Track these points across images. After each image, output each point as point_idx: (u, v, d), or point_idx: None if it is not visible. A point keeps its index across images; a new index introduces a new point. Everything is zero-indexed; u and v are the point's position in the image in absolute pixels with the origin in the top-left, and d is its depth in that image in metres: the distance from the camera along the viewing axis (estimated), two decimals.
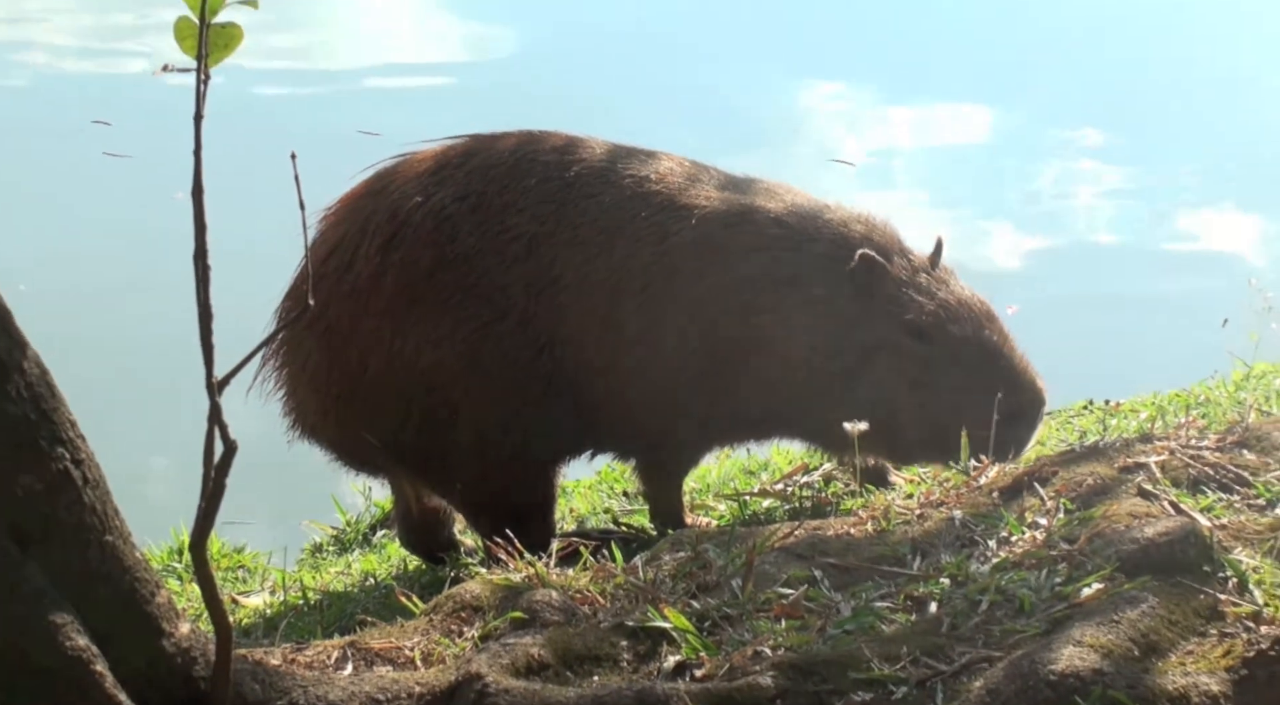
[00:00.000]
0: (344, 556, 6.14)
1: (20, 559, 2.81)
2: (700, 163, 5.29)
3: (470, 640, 3.47)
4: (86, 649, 2.82)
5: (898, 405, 4.85)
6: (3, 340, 2.84)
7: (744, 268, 5.07)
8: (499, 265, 4.98)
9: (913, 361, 5.05)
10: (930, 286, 5.14)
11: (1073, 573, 3.43)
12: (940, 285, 5.16)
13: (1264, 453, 3.92)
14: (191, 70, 2.82)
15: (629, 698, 3.14)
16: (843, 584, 3.60)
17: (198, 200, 2.85)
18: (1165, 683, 3.04)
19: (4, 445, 2.81)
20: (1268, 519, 3.62)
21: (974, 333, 5.11)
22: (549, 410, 5.04)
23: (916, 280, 5.14)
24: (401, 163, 5.19)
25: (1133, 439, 4.20)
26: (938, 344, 5.08)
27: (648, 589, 3.63)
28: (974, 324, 5.13)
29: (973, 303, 5.18)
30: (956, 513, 3.87)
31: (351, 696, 3.12)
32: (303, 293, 4.99)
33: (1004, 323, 5.22)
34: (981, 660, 3.20)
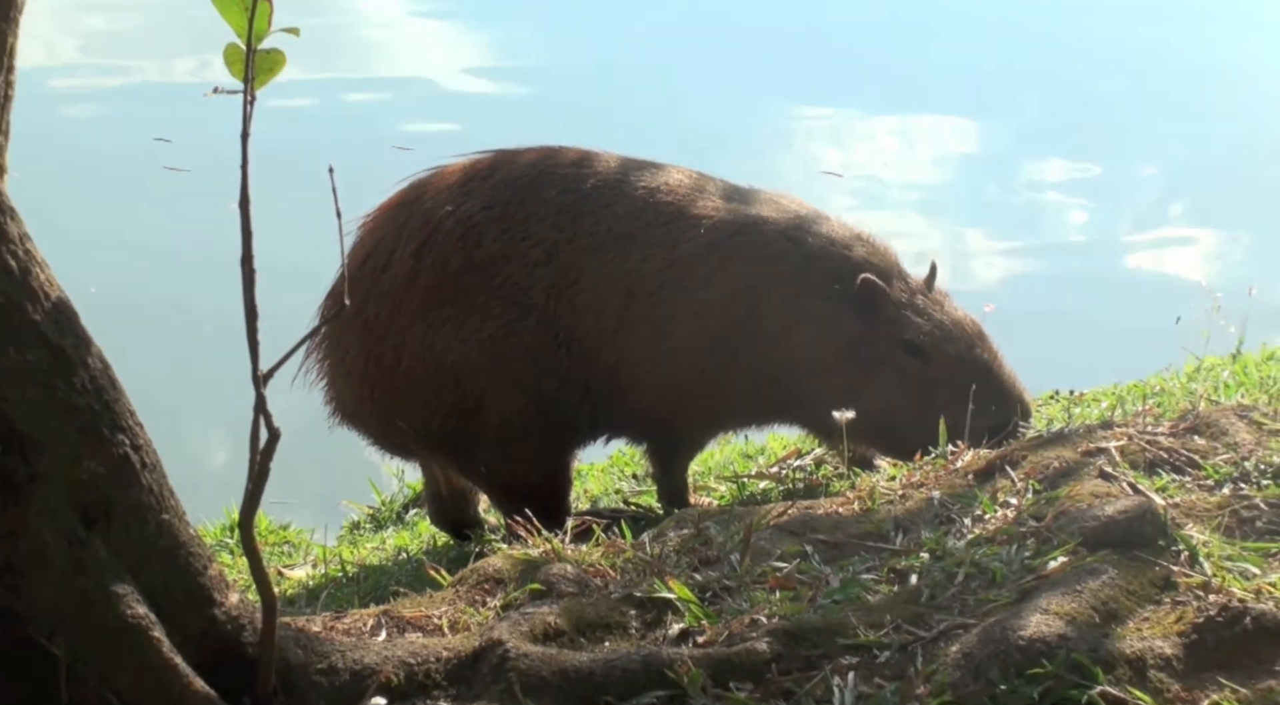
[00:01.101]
0: (379, 533, 6.15)
1: (86, 536, 2.81)
2: (705, 174, 5.29)
3: (493, 610, 3.47)
4: (145, 617, 2.82)
5: (898, 417, 4.89)
6: (70, 338, 2.85)
7: (750, 276, 5.08)
8: (521, 269, 4.99)
9: (912, 378, 5.07)
10: (927, 308, 5.16)
11: (1040, 547, 3.43)
12: (935, 307, 5.19)
13: (1213, 438, 3.92)
14: (239, 92, 2.82)
15: (637, 662, 3.14)
16: (832, 558, 3.60)
17: (245, 210, 2.85)
18: (1123, 646, 3.04)
19: (70, 433, 2.82)
20: (1216, 498, 3.62)
21: (966, 352, 5.14)
22: (566, 401, 5.05)
23: (914, 302, 5.16)
24: (433, 175, 5.20)
25: (1094, 426, 4.20)
26: (934, 362, 5.10)
27: (654, 563, 3.64)
28: (966, 343, 5.16)
29: (965, 323, 5.21)
30: (935, 493, 3.88)
31: (385, 660, 3.12)
32: (341, 293, 5.00)
33: (992, 341, 5.24)
34: (957, 627, 3.20)
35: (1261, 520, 3.52)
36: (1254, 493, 3.63)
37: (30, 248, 2.83)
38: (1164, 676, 3.00)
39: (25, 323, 2.78)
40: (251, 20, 2.79)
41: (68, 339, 2.84)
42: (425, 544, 5.63)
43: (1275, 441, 3.88)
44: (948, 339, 5.14)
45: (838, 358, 5.07)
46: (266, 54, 2.83)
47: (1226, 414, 4.05)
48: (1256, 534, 3.47)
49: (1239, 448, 3.85)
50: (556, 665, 3.12)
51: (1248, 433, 3.93)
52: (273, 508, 6.05)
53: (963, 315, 5.24)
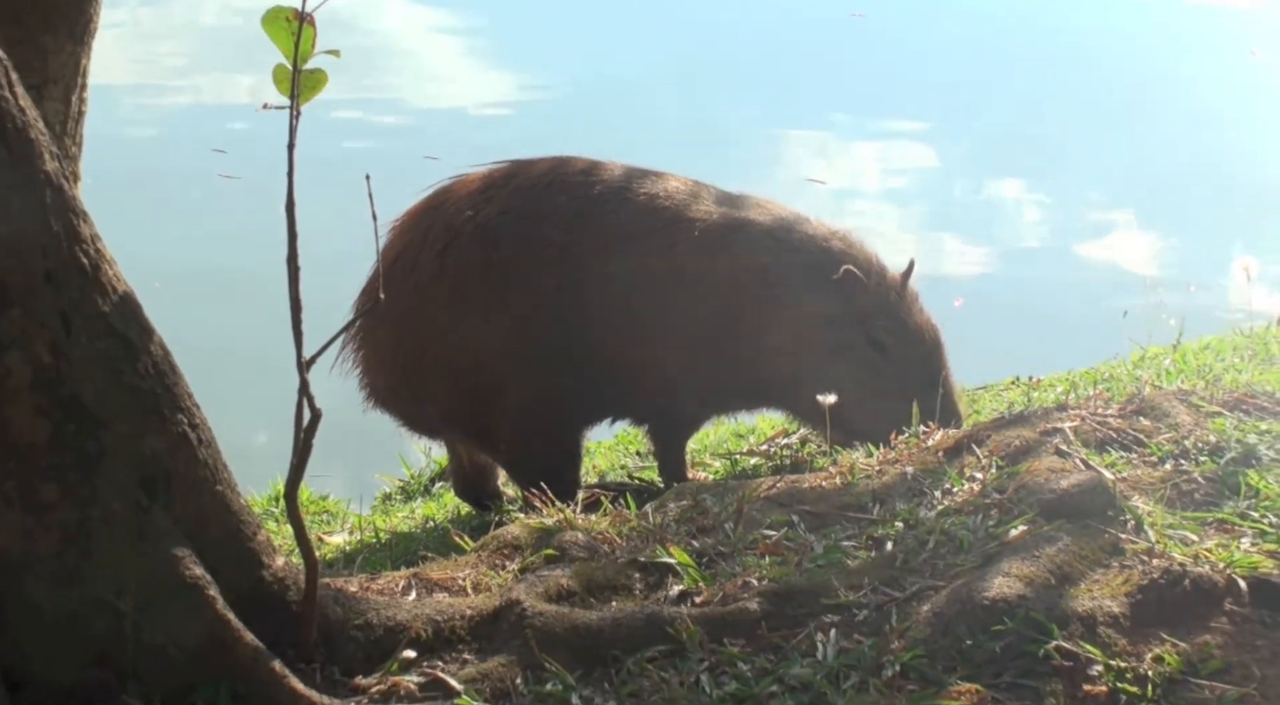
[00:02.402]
0: (409, 504, 6.15)
1: (148, 505, 2.82)
2: (700, 181, 5.29)
3: (511, 573, 3.47)
4: (202, 577, 2.83)
5: (848, 399, 4.76)
6: (134, 328, 2.85)
7: (738, 271, 5.07)
8: (535, 267, 4.98)
9: (868, 367, 5.05)
10: (896, 307, 5.14)
11: (1002, 517, 3.43)
12: (904, 309, 5.15)
13: (1156, 419, 3.92)
14: (286, 107, 2.82)
15: (641, 620, 3.15)
16: (816, 527, 3.60)
17: (290, 214, 2.85)
18: (1076, 605, 3.04)
19: (135, 413, 2.82)
20: (1159, 473, 3.62)
21: (921, 356, 5.13)
22: (576, 386, 5.04)
23: (887, 299, 5.13)
24: (455, 182, 5.20)
25: (1051, 408, 4.19)
26: (891, 357, 5.08)
27: (656, 531, 3.64)
28: (923, 348, 5.15)
29: (925, 329, 5.19)
30: (909, 469, 3.87)
31: (415, 617, 3.12)
32: (375, 289, 5.00)
33: (946, 351, 5.22)
34: (928, 588, 3.20)
35: (1199, 493, 3.52)
36: (1193, 468, 3.63)
37: (100, 247, 2.84)
38: (1112, 632, 3.00)
39: (96, 314, 2.79)
40: (297, 44, 2.80)
41: (133, 329, 2.84)
42: (450, 514, 5.64)
43: (1212, 422, 3.89)
44: (907, 341, 5.12)
45: (812, 345, 5.06)
46: (310, 73, 2.83)
47: (1168, 398, 4.05)
48: (1195, 505, 3.48)
49: (1179, 428, 3.85)
50: (569, 622, 3.13)
51: (1187, 415, 3.93)
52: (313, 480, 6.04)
53: (925, 321, 5.22)
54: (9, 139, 2.69)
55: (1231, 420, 3.90)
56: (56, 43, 3.39)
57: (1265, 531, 3.33)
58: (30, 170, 2.71)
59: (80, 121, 3.52)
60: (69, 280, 2.75)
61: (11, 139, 2.69)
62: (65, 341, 2.74)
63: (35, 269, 2.71)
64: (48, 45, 3.37)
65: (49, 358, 2.72)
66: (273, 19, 2.80)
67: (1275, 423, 3.88)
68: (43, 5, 3.34)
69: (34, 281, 2.71)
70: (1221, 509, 3.44)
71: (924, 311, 5.24)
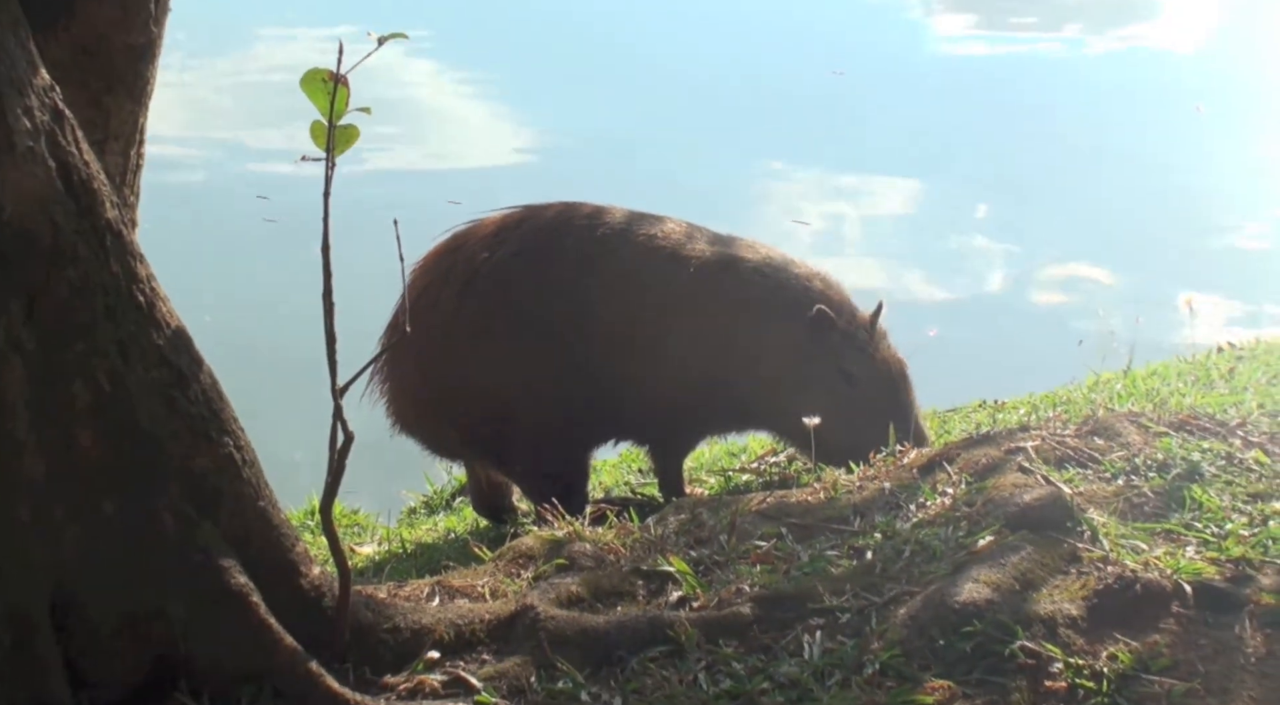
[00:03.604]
0: (432, 517, 6.14)
1: (198, 519, 2.82)
2: (695, 224, 5.29)
3: (526, 580, 3.47)
4: (246, 585, 2.83)
5: (827, 427, 4.71)
6: (185, 358, 2.86)
7: (728, 306, 5.07)
8: (545, 303, 4.98)
9: (840, 398, 5.03)
10: (864, 343, 5.12)
11: (971, 528, 3.43)
12: (873, 345, 5.14)
13: (1109, 439, 3.91)
14: (322, 159, 2.84)
15: (644, 623, 3.15)
16: (802, 538, 3.60)
17: (325, 255, 2.86)
18: (1038, 608, 3.05)
19: (186, 435, 2.83)
20: (1112, 488, 3.62)
21: (888, 388, 5.11)
22: (584, 410, 5.03)
23: (857, 337, 5.12)
24: (473, 226, 5.20)
25: (1014, 429, 4.19)
26: (861, 389, 5.07)
27: (657, 542, 3.63)
28: (889, 381, 5.13)
29: (891, 363, 5.17)
30: (886, 484, 3.87)
31: (438, 621, 3.12)
32: (401, 323, 5.00)
33: (911, 383, 5.20)
34: (905, 594, 3.20)
35: (1148, 506, 3.52)
36: (1142, 484, 3.63)
37: (155, 286, 2.85)
38: (1071, 633, 3.00)
39: (151, 346, 2.80)
40: (332, 102, 2.81)
41: (184, 360, 2.85)
42: (470, 527, 5.63)
43: (1159, 442, 3.89)
44: (875, 375, 5.11)
45: (793, 375, 5.05)
46: (344, 129, 2.84)
47: (1120, 419, 4.05)
48: (1144, 517, 3.48)
49: (1130, 447, 3.85)
50: (578, 625, 3.13)
51: (1137, 435, 3.93)
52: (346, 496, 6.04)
53: (892, 355, 5.20)
54: (75, 190, 2.70)
55: (1177, 440, 3.90)
56: (117, 103, 3.41)
57: (1208, 541, 3.33)
58: (94, 218, 2.73)
59: (138, 173, 3.54)
60: (127, 316, 2.77)
61: (78, 190, 2.71)
62: (123, 371, 2.75)
63: (97, 306, 2.73)
64: (109, 106, 3.39)
65: (109, 386, 2.73)
66: (310, 79, 2.82)
67: (1216, 442, 3.89)
68: (106, 71, 3.36)
69: (95, 318, 2.73)
70: (1168, 520, 3.44)
71: (891, 347, 5.22)
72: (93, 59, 3.32)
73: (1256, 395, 4.78)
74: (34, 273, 2.65)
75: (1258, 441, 3.90)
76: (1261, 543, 3.29)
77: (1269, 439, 3.93)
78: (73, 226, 2.69)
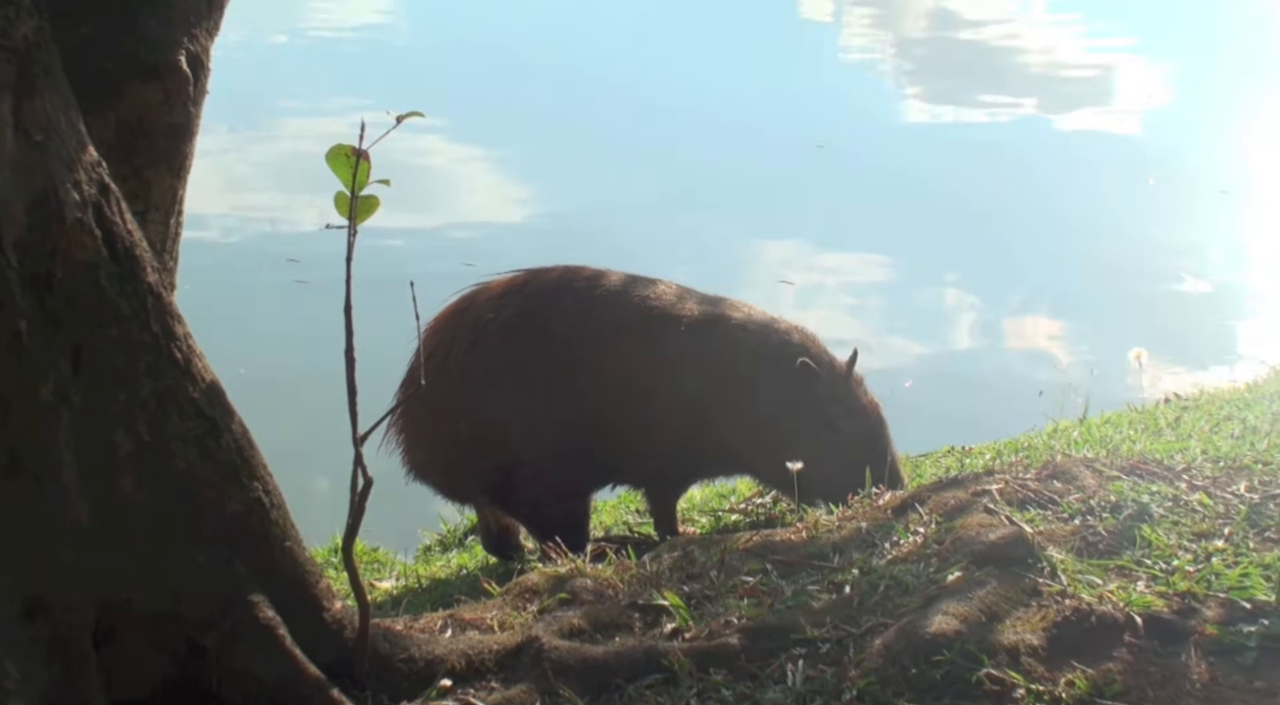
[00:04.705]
0: (446, 555, 6.12)
1: (230, 558, 2.82)
2: (685, 286, 5.31)
3: (531, 613, 3.45)
4: (273, 618, 2.83)
5: (809, 470, 4.70)
6: (218, 410, 2.87)
7: (716, 361, 5.08)
8: (548, 360, 4.98)
9: (823, 445, 5.02)
10: (843, 392, 5.12)
11: (941, 565, 3.42)
12: (850, 393, 5.14)
13: (1067, 482, 3.92)
14: (345, 227, 2.85)
15: (640, 653, 3.14)
16: (786, 574, 3.59)
17: (348, 315, 2.88)
18: (1002, 638, 3.04)
19: (218, 481, 2.83)
20: (1070, 527, 3.62)
21: (867, 432, 5.11)
22: (584, 457, 5.03)
23: (836, 385, 5.12)
24: (479, 289, 5.20)
25: (980, 473, 4.19)
26: (842, 435, 5.07)
27: (652, 578, 3.63)
28: (868, 426, 5.13)
29: (870, 410, 5.17)
30: (863, 524, 3.87)
31: (451, 651, 3.11)
32: (416, 377, 5.00)
33: (887, 426, 5.20)
34: (880, 625, 3.19)
35: (1103, 544, 3.52)
36: (1097, 523, 3.63)
37: (192, 343, 2.86)
38: (1032, 661, 3.00)
39: (187, 399, 2.81)
40: (355, 175, 2.83)
41: (217, 411, 2.86)
42: (480, 563, 5.61)
43: (1112, 485, 3.89)
44: (855, 422, 5.11)
45: (777, 423, 5.05)
46: (365, 199, 2.86)
47: (1077, 464, 4.06)
48: (1099, 554, 3.47)
49: (1086, 489, 3.85)
50: (579, 655, 3.12)
51: (1092, 478, 3.94)
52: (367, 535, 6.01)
53: (869, 401, 5.20)
54: (120, 257, 2.72)
55: (1128, 483, 3.90)
56: (158, 176, 3.43)
57: (1156, 576, 3.33)
58: (136, 282, 2.75)
59: (177, 240, 3.55)
60: (165, 371, 2.78)
61: (121, 256, 2.73)
62: (162, 421, 2.76)
63: (138, 363, 2.74)
64: (151, 179, 3.41)
65: (149, 435, 2.74)
66: (335, 154, 2.84)
67: (1164, 485, 3.89)
68: (148, 148, 3.38)
69: (137, 373, 2.74)
70: (1121, 557, 3.44)
71: (868, 393, 5.22)
72: (136, 137, 3.35)
73: (1200, 442, 4.78)
74: (81, 332, 2.66)
75: (1202, 485, 3.90)
76: (1205, 578, 3.29)
77: (1212, 482, 3.93)
78: (117, 290, 2.70)
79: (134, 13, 3.34)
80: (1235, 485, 3.89)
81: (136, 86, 3.33)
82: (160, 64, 3.35)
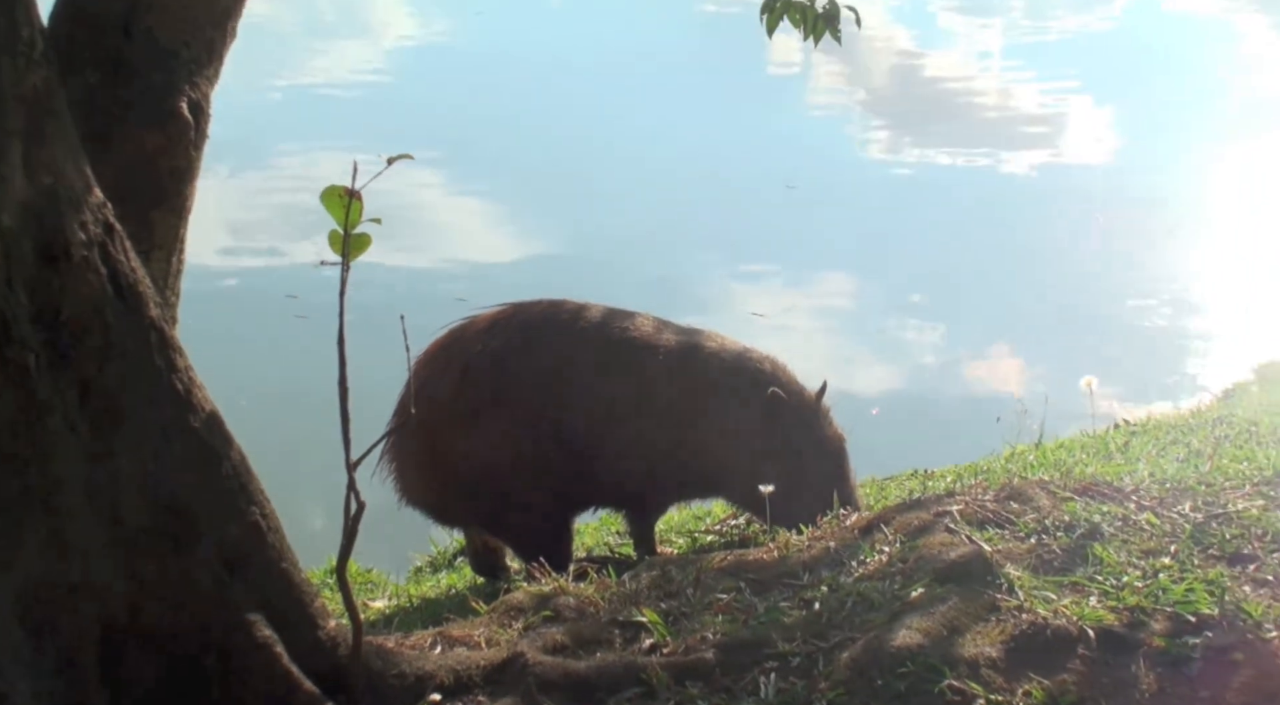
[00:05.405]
0: (436, 575, 6.10)
1: (229, 580, 2.81)
2: (662, 318, 5.33)
3: (517, 630, 3.45)
4: (270, 636, 2.82)
5: (778, 496, 4.75)
6: (218, 438, 2.86)
7: (692, 390, 5.09)
8: (533, 390, 4.99)
9: (790, 469, 5.05)
10: (810, 421, 5.15)
11: (905, 582, 3.43)
12: (817, 423, 5.17)
13: (1023, 503, 3.93)
14: (338, 263, 2.86)
15: (620, 667, 3.13)
16: (758, 591, 3.59)
17: (341, 346, 2.87)
18: (963, 651, 3.04)
19: (218, 506, 2.82)
20: (1026, 546, 3.63)
21: (831, 460, 5.14)
22: (570, 482, 5.03)
23: (804, 414, 5.15)
24: (468, 323, 5.21)
25: (942, 495, 4.20)
26: (807, 461, 5.09)
27: (632, 596, 3.63)
28: (833, 454, 5.16)
29: (834, 440, 5.21)
30: (832, 544, 3.87)
31: (440, 667, 3.10)
32: (406, 406, 5.00)
33: (848, 456, 5.22)
34: (848, 639, 3.20)
35: (1057, 561, 3.53)
36: (1051, 542, 3.64)
37: (193, 375, 2.85)
38: (991, 673, 3.00)
39: (188, 429, 2.80)
40: (347, 214, 2.83)
41: (216, 439, 2.85)
42: (469, 583, 5.60)
43: (1066, 506, 3.90)
44: (819, 449, 5.14)
45: (747, 449, 5.06)
46: (358, 237, 2.86)
47: (1032, 486, 4.07)
48: (1054, 571, 3.48)
49: (1041, 510, 3.87)
50: (562, 670, 3.11)
51: (1047, 500, 3.95)
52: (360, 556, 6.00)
53: (834, 432, 5.24)
54: (124, 293, 2.72)
55: (1081, 504, 3.91)
56: (161, 217, 3.43)
57: (1108, 591, 3.34)
58: (139, 317, 2.74)
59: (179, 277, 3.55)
60: (167, 402, 2.77)
61: (126, 293, 2.72)
62: (164, 450, 2.75)
63: (142, 394, 2.73)
64: (154, 220, 3.41)
65: (152, 463, 2.73)
66: (329, 195, 2.84)
67: (1114, 506, 3.90)
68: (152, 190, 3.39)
69: (140, 403, 2.73)
70: (1074, 574, 3.44)
71: (833, 424, 5.25)
72: (141, 180, 3.35)
73: (1148, 465, 4.81)
74: (87, 365, 2.66)
75: (1149, 505, 3.92)
76: (1153, 593, 3.30)
77: (1158, 503, 3.95)
78: (121, 325, 2.70)
79: (138, 63, 3.35)
80: (1180, 505, 3.91)
81: (140, 132, 3.34)
82: (163, 111, 3.36)
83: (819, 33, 4.43)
